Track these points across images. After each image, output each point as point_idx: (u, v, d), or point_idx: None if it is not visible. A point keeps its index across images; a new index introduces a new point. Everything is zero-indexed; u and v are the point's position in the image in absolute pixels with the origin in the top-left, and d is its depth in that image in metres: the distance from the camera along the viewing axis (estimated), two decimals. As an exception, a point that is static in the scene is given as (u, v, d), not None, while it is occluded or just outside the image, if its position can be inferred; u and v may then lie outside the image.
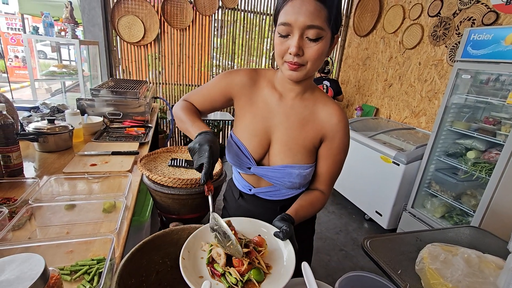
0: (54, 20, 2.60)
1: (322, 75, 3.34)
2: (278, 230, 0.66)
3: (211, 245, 0.63)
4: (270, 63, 3.97)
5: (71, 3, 2.56)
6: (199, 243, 0.66)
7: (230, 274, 0.58)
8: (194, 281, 0.54)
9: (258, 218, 0.85)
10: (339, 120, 0.77)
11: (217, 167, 1.43)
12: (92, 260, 0.72)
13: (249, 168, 0.84)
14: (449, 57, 2.55)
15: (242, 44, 3.77)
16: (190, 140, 0.79)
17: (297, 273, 0.61)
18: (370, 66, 3.57)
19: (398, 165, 2.35)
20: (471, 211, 2.04)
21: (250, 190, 0.89)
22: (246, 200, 0.93)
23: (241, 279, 0.56)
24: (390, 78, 3.26)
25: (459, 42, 2.37)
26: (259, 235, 0.68)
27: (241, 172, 0.90)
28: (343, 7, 3.88)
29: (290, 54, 0.66)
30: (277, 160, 0.81)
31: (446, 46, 2.60)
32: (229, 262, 0.59)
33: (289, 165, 0.79)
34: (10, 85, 5.49)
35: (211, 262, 0.61)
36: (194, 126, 0.79)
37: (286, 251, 0.65)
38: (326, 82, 3.29)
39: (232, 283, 0.57)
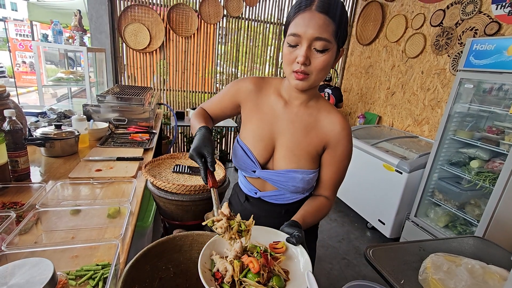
0: (63, 28, 2.65)
1: (324, 82, 3.37)
2: (290, 236, 0.66)
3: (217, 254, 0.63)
4: (273, 70, 4.00)
5: (80, 11, 2.62)
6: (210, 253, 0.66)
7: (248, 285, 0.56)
8: None
9: (263, 221, 0.86)
10: (343, 128, 0.80)
11: (221, 173, 1.44)
12: (97, 265, 0.73)
13: (254, 172, 0.87)
14: (452, 66, 2.57)
15: (246, 52, 3.82)
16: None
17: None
18: (373, 75, 3.59)
19: (401, 173, 2.34)
20: (475, 221, 2.02)
21: (255, 193, 0.93)
22: (252, 204, 0.96)
23: None
24: (393, 87, 3.27)
25: (461, 52, 2.39)
26: (278, 242, 0.67)
27: (246, 175, 0.94)
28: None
29: (298, 63, 0.69)
30: (281, 164, 0.84)
31: (448, 56, 2.62)
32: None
33: (293, 169, 0.82)
34: (17, 90, 5.57)
35: (217, 278, 0.59)
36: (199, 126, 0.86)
37: (300, 255, 0.64)
38: (328, 90, 3.32)
39: None
